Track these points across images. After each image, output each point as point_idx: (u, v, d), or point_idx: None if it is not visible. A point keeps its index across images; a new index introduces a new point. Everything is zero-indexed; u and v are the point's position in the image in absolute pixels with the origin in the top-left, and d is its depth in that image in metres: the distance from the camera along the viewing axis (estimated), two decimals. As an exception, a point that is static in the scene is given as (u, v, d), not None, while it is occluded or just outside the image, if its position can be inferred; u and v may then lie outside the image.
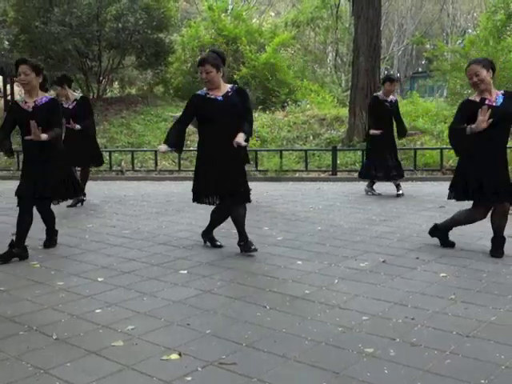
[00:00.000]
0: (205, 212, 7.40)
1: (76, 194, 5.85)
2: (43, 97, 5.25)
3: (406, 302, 3.82)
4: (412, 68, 37.42)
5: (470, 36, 22.54)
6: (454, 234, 5.84)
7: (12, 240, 5.15)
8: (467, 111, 4.84)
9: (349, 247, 5.40)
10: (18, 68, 5.16)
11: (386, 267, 4.69)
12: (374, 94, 8.98)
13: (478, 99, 4.86)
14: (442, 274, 4.44)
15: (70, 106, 7.75)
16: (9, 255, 5.10)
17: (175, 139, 5.19)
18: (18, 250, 5.14)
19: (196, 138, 16.03)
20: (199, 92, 5.18)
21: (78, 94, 8.14)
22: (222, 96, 5.05)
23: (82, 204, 8.13)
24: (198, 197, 5.24)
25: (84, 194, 8.18)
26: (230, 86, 5.17)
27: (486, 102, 4.77)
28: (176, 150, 5.36)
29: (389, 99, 8.40)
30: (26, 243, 5.22)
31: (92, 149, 8.16)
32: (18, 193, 5.22)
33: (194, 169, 13.59)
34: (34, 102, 5.20)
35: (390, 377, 2.76)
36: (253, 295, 4.03)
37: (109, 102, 18.83)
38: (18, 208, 5.18)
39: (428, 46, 30.69)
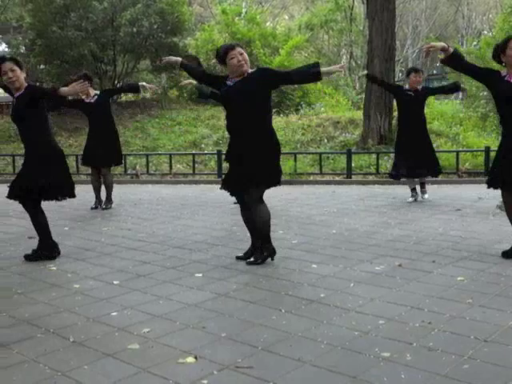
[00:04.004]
0: (219, 215, 7.43)
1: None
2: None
3: (423, 306, 3.79)
4: (427, 70, 37.21)
5: (486, 37, 22.39)
6: (471, 238, 5.80)
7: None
8: (489, 74, 4.97)
9: (364, 251, 5.37)
10: None
11: (401, 271, 4.66)
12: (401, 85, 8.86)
13: (504, 73, 4.89)
14: (459, 278, 4.40)
15: (92, 100, 7.88)
16: (35, 256, 5.24)
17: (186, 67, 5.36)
18: (45, 252, 5.27)
19: (211, 140, 16.04)
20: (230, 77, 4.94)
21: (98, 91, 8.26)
22: (235, 82, 4.80)
23: (97, 207, 8.20)
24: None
25: (102, 201, 8.26)
26: (251, 70, 4.85)
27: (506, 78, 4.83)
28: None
29: (412, 89, 7.96)
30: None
31: (117, 147, 8.27)
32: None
33: (207, 172, 13.60)
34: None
35: (406, 381, 2.74)
36: (268, 299, 4.02)
37: (123, 106, 18.98)
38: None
39: (443, 48, 30.43)
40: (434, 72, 37.12)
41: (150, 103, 19.81)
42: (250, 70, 4.83)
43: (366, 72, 8.85)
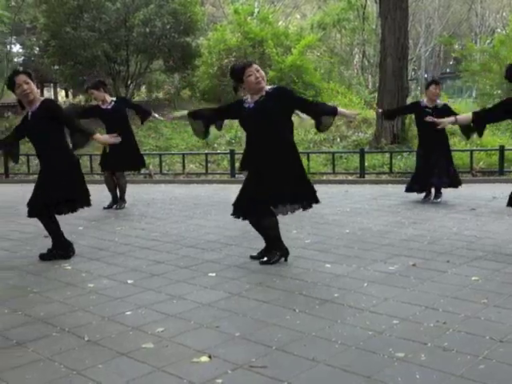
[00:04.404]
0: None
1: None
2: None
3: (437, 305, 3.77)
4: (440, 69, 37.01)
5: (500, 35, 22.22)
6: (486, 238, 5.76)
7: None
8: (508, 106, 5.04)
9: (378, 250, 5.35)
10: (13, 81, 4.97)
11: (415, 270, 4.64)
12: (418, 100, 8.78)
13: None
14: (473, 278, 4.37)
15: (109, 107, 7.91)
16: (50, 255, 5.27)
17: (195, 113, 5.27)
18: (60, 252, 5.30)
19: (224, 140, 16.06)
20: (244, 98, 4.95)
21: (113, 98, 8.27)
22: (255, 102, 4.77)
23: (118, 208, 8.23)
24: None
25: (123, 201, 8.29)
26: (268, 87, 4.83)
27: None
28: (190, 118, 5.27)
29: (432, 105, 7.81)
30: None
31: (136, 151, 8.31)
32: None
33: (220, 171, 13.61)
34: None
35: (421, 382, 2.73)
36: (282, 298, 4.02)
37: (137, 106, 19.00)
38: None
39: (456, 46, 30.35)
40: (447, 70, 36.94)
41: (163, 103, 19.86)
42: (267, 87, 4.81)
43: (380, 110, 8.67)
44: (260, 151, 4.83)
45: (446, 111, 7.66)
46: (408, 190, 8.24)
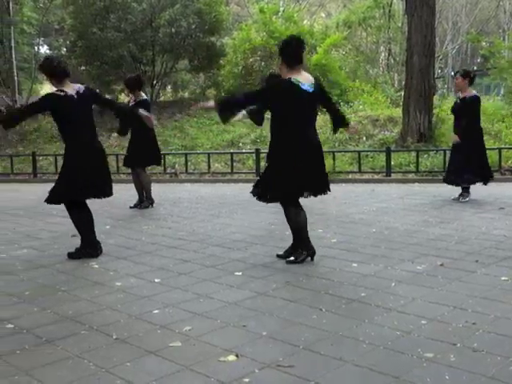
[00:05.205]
0: (258, 214, 7.44)
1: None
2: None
3: (466, 306, 3.72)
4: (467, 66, 36.48)
5: (529, 32, 21.85)
6: (515, 237, 5.67)
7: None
8: None
9: (405, 250, 5.30)
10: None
11: (443, 270, 4.58)
12: None
13: None
14: (503, 278, 4.31)
15: (133, 103, 7.95)
16: (78, 254, 5.34)
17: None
18: (89, 250, 5.36)
19: (249, 139, 15.99)
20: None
21: (143, 97, 8.21)
22: (310, 86, 4.76)
23: (152, 206, 8.29)
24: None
25: (151, 200, 8.33)
26: (310, 77, 4.85)
27: None
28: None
29: (461, 96, 7.74)
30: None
31: (150, 149, 8.33)
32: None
33: (245, 170, 13.58)
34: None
35: (451, 383, 2.69)
36: (308, 297, 4.01)
37: (162, 106, 19.15)
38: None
39: (484, 43, 29.89)
40: (475, 68, 36.42)
41: (188, 103, 19.97)
42: (310, 77, 4.85)
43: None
44: (310, 135, 4.87)
45: (466, 106, 7.66)
46: (448, 182, 8.10)
